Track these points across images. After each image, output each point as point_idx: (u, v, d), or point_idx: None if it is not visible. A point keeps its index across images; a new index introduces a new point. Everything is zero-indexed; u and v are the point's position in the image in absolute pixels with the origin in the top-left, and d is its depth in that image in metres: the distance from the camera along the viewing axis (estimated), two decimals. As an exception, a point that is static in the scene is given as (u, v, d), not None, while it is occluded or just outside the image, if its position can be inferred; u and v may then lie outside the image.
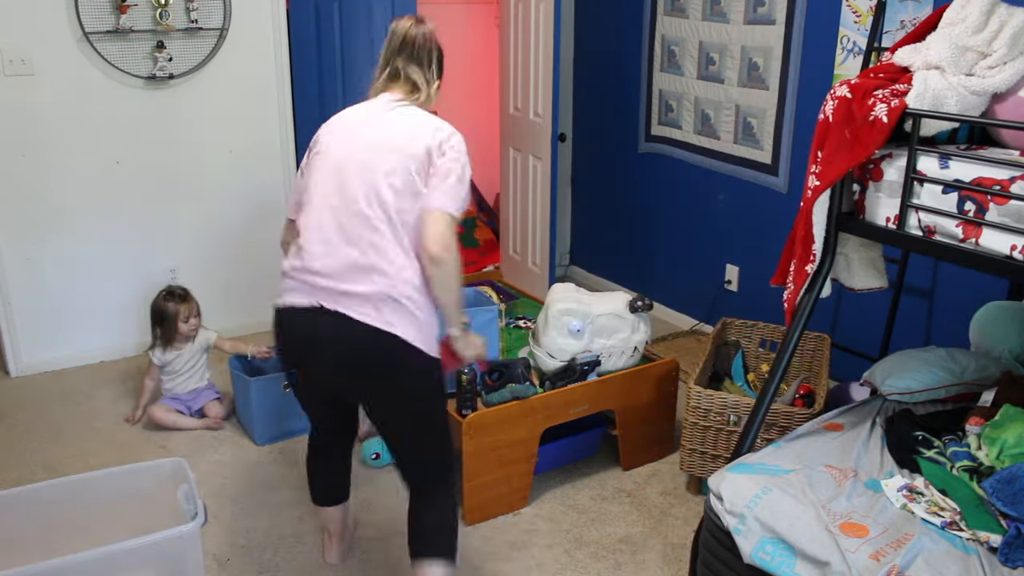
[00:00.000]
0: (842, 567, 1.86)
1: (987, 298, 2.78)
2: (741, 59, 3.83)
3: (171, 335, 3.37)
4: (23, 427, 3.43)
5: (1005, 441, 2.06)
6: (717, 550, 2.19)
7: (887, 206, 2.11)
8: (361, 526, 2.82)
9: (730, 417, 2.76)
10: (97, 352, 4.00)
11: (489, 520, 2.85)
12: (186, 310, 3.36)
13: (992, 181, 1.88)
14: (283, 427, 3.33)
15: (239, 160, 4.09)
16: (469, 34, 5.55)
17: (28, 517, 2.18)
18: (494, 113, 5.30)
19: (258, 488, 3.04)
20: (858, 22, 3.31)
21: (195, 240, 4.09)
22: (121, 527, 2.16)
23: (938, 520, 1.95)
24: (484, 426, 2.73)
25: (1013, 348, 2.60)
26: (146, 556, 2.00)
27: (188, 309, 3.37)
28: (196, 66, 3.85)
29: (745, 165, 3.92)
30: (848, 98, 2.09)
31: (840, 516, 1.98)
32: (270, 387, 3.26)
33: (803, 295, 2.32)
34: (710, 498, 2.22)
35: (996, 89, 2.03)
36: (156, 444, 3.31)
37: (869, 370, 2.62)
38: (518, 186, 4.69)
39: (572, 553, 2.70)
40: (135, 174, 3.88)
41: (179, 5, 3.74)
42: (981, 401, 2.36)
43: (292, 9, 4.03)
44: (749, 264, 4.04)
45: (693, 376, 2.92)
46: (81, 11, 3.55)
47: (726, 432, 2.80)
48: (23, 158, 3.64)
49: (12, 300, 3.76)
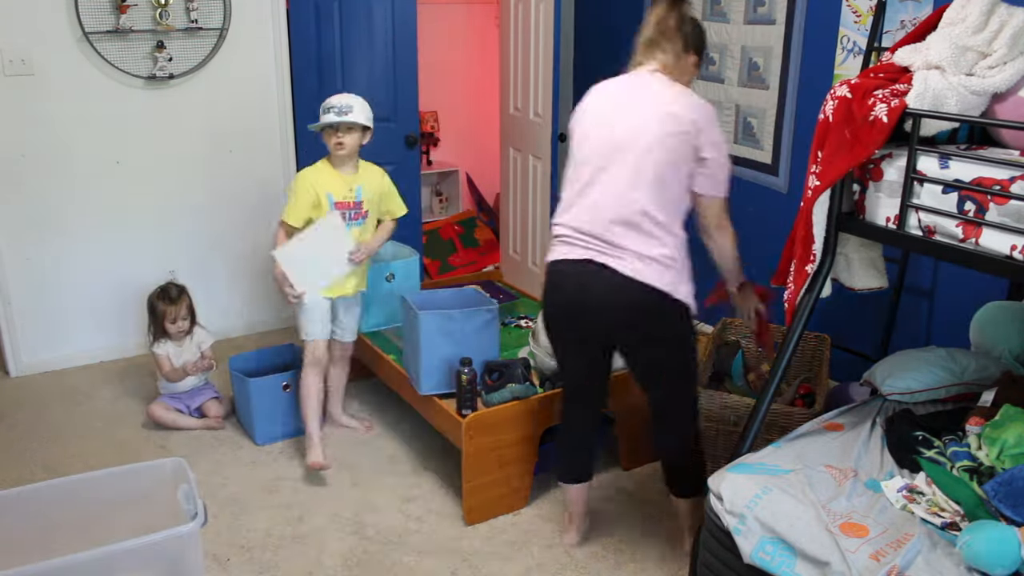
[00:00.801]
0: (842, 567, 1.86)
1: (987, 298, 2.78)
2: (741, 59, 3.83)
3: (161, 331, 3.40)
4: (23, 427, 3.43)
5: (1005, 441, 2.06)
6: (717, 550, 2.19)
7: (887, 206, 2.11)
8: (362, 527, 2.82)
9: (730, 417, 2.76)
10: (97, 352, 4.00)
11: (489, 520, 2.85)
12: (174, 311, 3.38)
13: (992, 181, 1.88)
14: (283, 427, 3.33)
15: (239, 160, 4.09)
16: (469, 34, 5.55)
17: (28, 517, 2.17)
18: (494, 113, 5.30)
19: (258, 488, 3.04)
20: (858, 22, 3.30)
21: (195, 240, 4.09)
22: (121, 527, 2.16)
23: (938, 520, 1.94)
24: (484, 426, 2.73)
25: (1013, 348, 2.60)
26: (146, 556, 2.00)
27: (176, 311, 3.38)
28: (196, 66, 3.85)
29: (745, 165, 3.92)
30: (848, 98, 2.09)
31: (840, 516, 1.98)
32: (269, 387, 3.26)
33: (803, 295, 2.32)
34: (710, 498, 2.22)
35: (996, 89, 2.02)
36: (156, 444, 3.31)
37: (869, 370, 2.61)
38: (518, 186, 4.68)
39: (572, 553, 2.70)
40: (135, 174, 3.88)
41: (179, 5, 3.74)
42: (981, 401, 2.36)
43: (292, 9, 4.03)
44: (749, 264, 4.03)
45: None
46: (81, 11, 3.55)
47: (725, 433, 2.80)
48: (23, 158, 3.64)
49: (12, 300, 3.76)
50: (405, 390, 3.13)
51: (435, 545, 2.74)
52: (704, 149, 2.29)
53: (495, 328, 2.98)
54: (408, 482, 3.08)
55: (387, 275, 3.47)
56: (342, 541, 2.76)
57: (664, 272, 2.30)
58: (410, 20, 4.16)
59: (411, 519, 2.87)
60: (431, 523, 2.85)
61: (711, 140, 2.29)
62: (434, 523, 2.85)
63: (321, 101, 3.64)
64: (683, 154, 2.28)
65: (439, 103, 5.48)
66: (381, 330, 3.50)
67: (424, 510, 2.92)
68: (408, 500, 2.97)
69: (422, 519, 2.87)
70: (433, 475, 3.12)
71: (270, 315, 4.39)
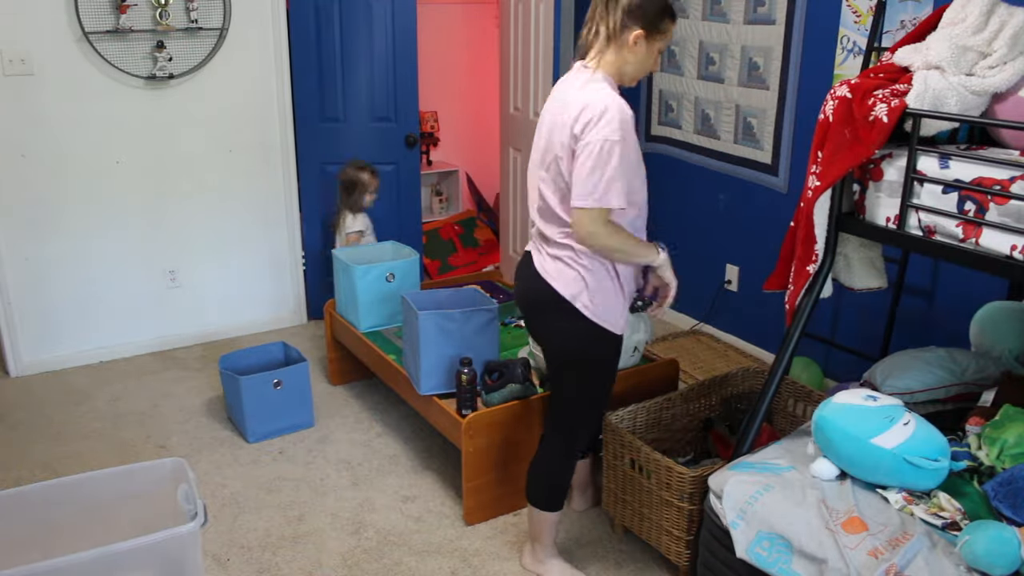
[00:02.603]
0: (839, 564, 1.86)
1: (987, 298, 2.78)
2: (741, 59, 3.83)
3: (358, 204, 3.89)
4: (23, 427, 3.43)
5: (1005, 441, 2.06)
6: (717, 550, 2.19)
7: (887, 206, 2.11)
8: (362, 527, 2.82)
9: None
10: (97, 352, 4.00)
11: (489, 520, 2.85)
12: (375, 183, 3.93)
13: (992, 181, 1.88)
14: (274, 424, 3.33)
15: (239, 160, 4.09)
16: (469, 34, 5.55)
17: (28, 517, 2.17)
18: (494, 113, 5.30)
19: (258, 488, 3.04)
20: (858, 22, 3.31)
21: (194, 240, 4.09)
22: (121, 527, 2.16)
23: (938, 521, 1.95)
24: (484, 426, 2.73)
25: (1013, 348, 2.60)
26: (146, 556, 2.00)
27: (376, 182, 3.94)
28: (196, 66, 3.85)
29: (745, 165, 3.92)
30: (848, 98, 2.09)
31: (840, 514, 1.98)
32: (260, 385, 3.26)
33: (803, 295, 2.32)
34: (710, 498, 2.22)
35: (996, 89, 2.02)
36: (155, 444, 3.31)
37: (869, 370, 2.62)
38: (518, 186, 4.68)
39: (572, 553, 2.70)
40: (135, 174, 3.88)
41: (179, 5, 3.74)
42: (981, 401, 2.36)
43: (292, 9, 4.03)
44: (749, 264, 4.04)
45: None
46: (81, 11, 3.55)
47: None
48: (23, 158, 3.64)
49: (12, 300, 3.76)
50: (405, 390, 3.13)
51: (435, 545, 2.74)
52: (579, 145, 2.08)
53: (495, 328, 2.98)
54: (408, 482, 3.08)
55: (387, 275, 3.47)
56: (342, 541, 2.76)
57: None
58: (410, 20, 4.16)
59: (411, 519, 2.87)
60: (431, 523, 2.85)
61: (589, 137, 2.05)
62: (434, 523, 2.85)
63: (321, 101, 3.66)
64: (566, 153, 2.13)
65: (439, 103, 5.48)
66: (381, 330, 3.50)
67: (424, 510, 2.92)
68: (408, 500, 2.97)
69: (422, 519, 2.87)
70: (433, 475, 3.12)
71: (269, 315, 4.39)
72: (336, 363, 3.78)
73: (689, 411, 2.91)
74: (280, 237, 4.30)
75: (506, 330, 3.52)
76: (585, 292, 2.19)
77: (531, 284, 2.28)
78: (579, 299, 2.19)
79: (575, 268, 2.19)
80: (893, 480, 2.02)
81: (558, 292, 2.20)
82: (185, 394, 3.70)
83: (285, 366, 3.41)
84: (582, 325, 2.21)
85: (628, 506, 2.66)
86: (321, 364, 3.96)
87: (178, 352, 4.11)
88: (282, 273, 4.36)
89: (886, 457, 1.99)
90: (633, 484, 2.60)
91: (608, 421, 2.66)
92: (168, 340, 4.14)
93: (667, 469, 2.43)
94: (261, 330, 4.36)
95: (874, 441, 2.01)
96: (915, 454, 1.98)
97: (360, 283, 3.42)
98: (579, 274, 2.19)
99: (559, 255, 2.21)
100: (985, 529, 1.81)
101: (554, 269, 2.22)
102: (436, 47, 5.30)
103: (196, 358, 4.05)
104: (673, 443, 2.90)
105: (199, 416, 3.52)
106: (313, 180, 4.28)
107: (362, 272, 3.41)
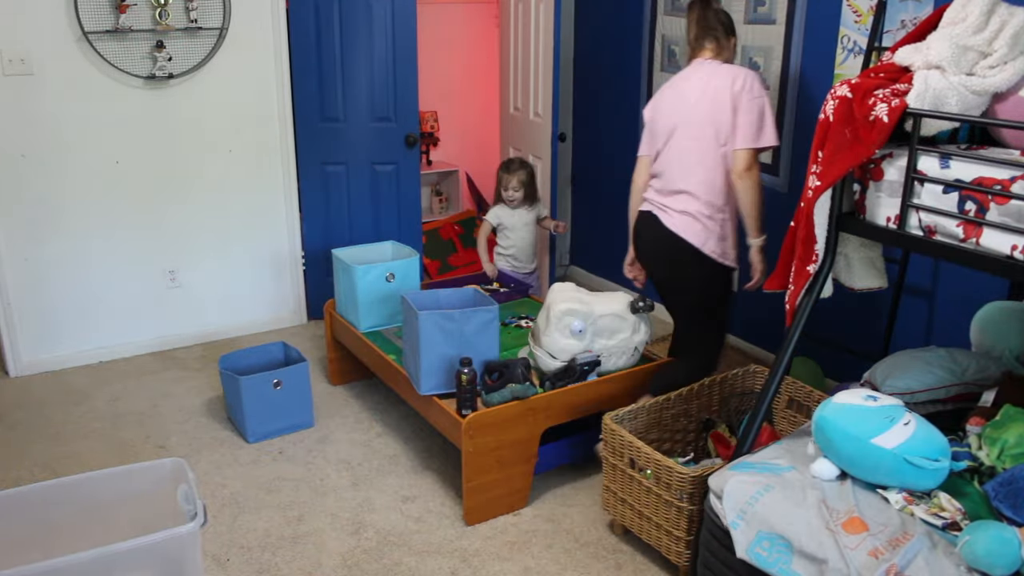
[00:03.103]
0: (840, 564, 1.86)
1: (987, 298, 2.78)
2: (741, 59, 3.82)
3: (498, 196, 4.07)
4: (23, 427, 3.43)
5: (1006, 441, 2.06)
6: (717, 550, 2.19)
7: (888, 206, 2.11)
8: (362, 527, 2.82)
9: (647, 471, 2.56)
10: (97, 352, 4.00)
11: (489, 520, 2.85)
12: (506, 180, 4.01)
13: (993, 181, 1.88)
14: (274, 425, 3.33)
15: (239, 160, 4.09)
16: (469, 34, 5.54)
17: (28, 517, 2.17)
18: (494, 113, 5.30)
19: (258, 488, 3.04)
20: (858, 22, 3.30)
21: (194, 240, 4.09)
22: (121, 527, 2.16)
23: (938, 521, 1.94)
24: (484, 426, 2.73)
25: (1013, 348, 2.59)
26: (146, 556, 2.00)
27: (507, 180, 4.01)
28: (196, 66, 3.85)
29: (745, 165, 3.91)
30: (848, 98, 2.09)
31: (840, 514, 1.98)
32: (260, 385, 3.26)
33: (803, 295, 2.32)
34: (710, 498, 2.22)
35: (997, 89, 2.02)
36: (155, 444, 3.31)
37: (869, 370, 2.61)
38: (518, 186, 4.68)
39: (572, 553, 2.70)
40: (135, 174, 3.87)
41: (178, 5, 3.74)
42: (982, 401, 2.36)
43: (292, 9, 4.03)
44: (749, 264, 4.03)
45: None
46: (80, 11, 3.55)
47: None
48: (23, 158, 3.64)
49: (12, 300, 3.76)
50: (405, 390, 3.13)
51: (435, 545, 2.73)
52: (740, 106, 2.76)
53: (495, 328, 2.98)
54: (408, 482, 3.08)
55: (387, 275, 3.47)
56: (342, 541, 2.75)
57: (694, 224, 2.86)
58: (410, 20, 4.16)
59: (411, 519, 2.87)
60: (431, 523, 2.85)
61: (747, 99, 2.76)
62: (434, 523, 2.85)
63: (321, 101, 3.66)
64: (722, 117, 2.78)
65: (439, 103, 5.47)
66: (381, 330, 3.50)
67: (424, 510, 2.92)
68: (408, 500, 2.97)
69: (422, 519, 2.87)
70: (433, 475, 3.12)
71: (269, 315, 4.39)
72: (336, 363, 3.78)
73: (689, 411, 2.91)
74: (280, 237, 4.30)
75: (506, 330, 3.52)
76: (711, 239, 2.85)
77: (661, 237, 2.90)
78: (706, 246, 2.86)
79: (701, 221, 2.84)
80: (893, 480, 2.02)
81: (689, 242, 2.84)
82: (185, 394, 3.70)
83: (285, 366, 3.41)
84: (708, 263, 2.87)
85: (628, 506, 2.66)
86: (321, 364, 3.96)
87: (178, 352, 4.12)
88: (282, 273, 4.37)
89: (886, 457, 1.99)
90: (633, 484, 2.60)
91: (608, 421, 2.66)
92: (168, 340, 4.14)
93: (667, 469, 2.43)
94: (261, 330, 4.36)
95: (874, 441, 2.01)
96: (915, 454, 1.98)
97: (360, 283, 3.42)
98: (704, 226, 2.84)
99: (687, 209, 2.84)
100: (985, 529, 1.80)
101: (682, 223, 2.85)
102: (436, 47, 5.30)
103: (196, 358, 4.05)
104: (673, 443, 2.90)
105: (199, 416, 3.52)
106: (313, 180, 4.28)
107: (362, 272, 3.41)
